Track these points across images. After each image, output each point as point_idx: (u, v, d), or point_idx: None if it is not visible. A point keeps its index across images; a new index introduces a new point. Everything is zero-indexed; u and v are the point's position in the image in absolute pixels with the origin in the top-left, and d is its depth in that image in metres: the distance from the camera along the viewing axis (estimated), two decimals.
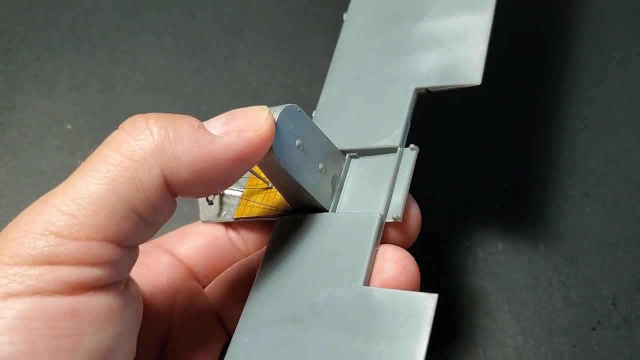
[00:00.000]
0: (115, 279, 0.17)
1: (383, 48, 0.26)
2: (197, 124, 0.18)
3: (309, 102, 0.36)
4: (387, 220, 0.21)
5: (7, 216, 0.32)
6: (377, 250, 0.20)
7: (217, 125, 0.19)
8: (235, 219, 0.25)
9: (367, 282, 0.20)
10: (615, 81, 0.36)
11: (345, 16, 0.29)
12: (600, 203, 0.31)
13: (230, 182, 0.19)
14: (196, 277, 0.25)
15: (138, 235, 0.18)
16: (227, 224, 0.26)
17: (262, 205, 0.24)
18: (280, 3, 0.40)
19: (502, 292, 0.29)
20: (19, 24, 0.39)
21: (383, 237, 0.21)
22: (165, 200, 0.18)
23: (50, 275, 0.16)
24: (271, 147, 0.19)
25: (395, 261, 0.20)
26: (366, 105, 0.25)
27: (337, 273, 0.20)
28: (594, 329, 0.28)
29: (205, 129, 0.18)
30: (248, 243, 0.25)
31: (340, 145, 0.23)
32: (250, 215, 0.25)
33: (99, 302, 0.17)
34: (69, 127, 0.35)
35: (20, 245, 0.16)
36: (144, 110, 0.36)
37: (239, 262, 0.25)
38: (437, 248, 0.23)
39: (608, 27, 0.38)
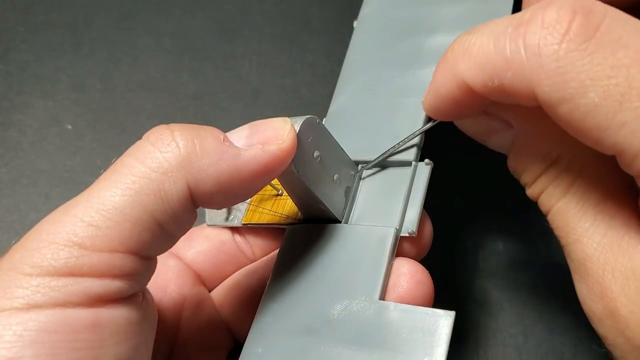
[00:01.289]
0: (135, 290, 0.17)
1: (396, 59, 0.26)
2: (222, 137, 0.18)
3: (309, 102, 0.36)
4: (402, 235, 0.21)
5: (7, 216, 0.32)
6: (392, 264, 0.21)
7: (241, 138, 0.19)
8: (244, 224, 0.25)
9: (382, 297, 0.20)
10: None
11: (355, 23, 0.29)
12: None
13: (252, 193, 0.20)
14: (202, 282, 0.25)
15: (159, 246, 0.18)
16: (234, 229, 0.26)
17: (271, 212, 0.24)
18: (280, 3, 0.40)
19: (503, 292, 0.29)
20: (19, 24, 0.39)
21: (397, 250, 0.21)
22: (188, 212, 0.18)
23: (73, 287, 0.16)
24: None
25: (410, 275, 0.20)
26: (379, 116, 0.25)
27: (353, 286, 0.20)
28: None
29: (230, 142, 0.18)
30: (255, 249, 0.25)
31: (352, 155, 0.23)
32: (259, 222, 0.24)
33: (120, 314, 0.17)
34: (69, 127, 0.35)
35: (42, 255, 0.16)
36: (144, 110, 0.36)
37: (246, 268, 0.25)
38: (438, 248, 0.23)
39: None
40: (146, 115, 0.36)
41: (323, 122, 0.26)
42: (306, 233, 0.23)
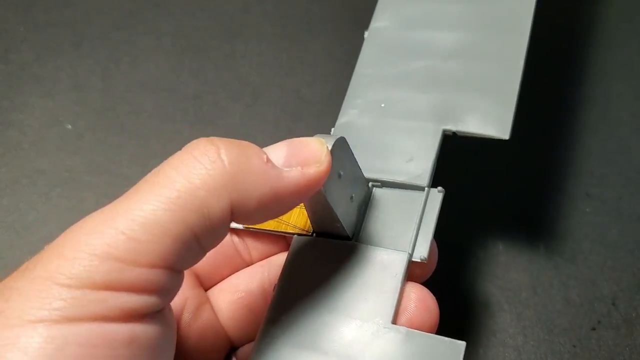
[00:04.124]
0: (165, 303, 0.17)
1: (411, 79, 0.26)
2: (265, 157, 0.18)
3: (309, 103, 0.36)
4: (412, 259, 0.21)
5: (7, 216, 0.32)
6: (404, 288, 0.21)
7: (280, 157, 0.19)
8: (246, 227, 0.25)
9: (394, 321, 0.20)
10: (617, 81, 0.36)
11: (366, 34, 0.29)
12: (601, 203, 0.31)
13: (286, 212, 0.20)
14: (200, 282, 0.25)
15: (192, 260, 0.18)
16: (231, 230, 0.25)
17: (277, 220, 0.24)
18: (280, 3, 0.40)
19: (503, 293, 0.29)
20: (19, 24, 0.39)
21: None
22: (226, 228, 0.18)
23: (111, 301, 0.16)
24: None
25: (419, 300, 0.21)
26: (391, 135, 0.25)
27: (364, 308, 0.20)
28: (594, 329, 0.28)
29: (273, 163, 0.18)
30: (252, 252, 0.25)
31: (363, 172, 0.23)
32: (263, 227, 0.24)
33: (153, 329, 0.17)
34: (69, 127, 0.35)
35: (81, 267, 0.15)
36: (144, 110, 0.36)
37: (244, 271, 0.25)
38: (438, 248, 0.23)
39: (612, 27, 0.38)
40: (146, 115, 0.36)
41: (331, 133, 0.26)
42: (316, 247, 0.23)
